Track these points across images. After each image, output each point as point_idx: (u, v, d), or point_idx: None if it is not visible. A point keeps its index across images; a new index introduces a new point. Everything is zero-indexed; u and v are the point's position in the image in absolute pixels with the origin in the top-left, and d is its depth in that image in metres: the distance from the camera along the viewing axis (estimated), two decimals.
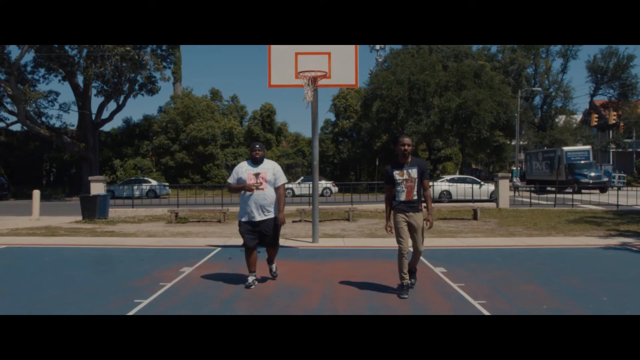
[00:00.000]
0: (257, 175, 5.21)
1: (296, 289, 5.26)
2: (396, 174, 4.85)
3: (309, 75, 7.21)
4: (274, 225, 5.31)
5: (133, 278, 5.81)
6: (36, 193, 14.26)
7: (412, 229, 4.86)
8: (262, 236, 5.27)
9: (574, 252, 7.62)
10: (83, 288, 5.34)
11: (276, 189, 5.29)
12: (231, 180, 5.39)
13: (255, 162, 5.27)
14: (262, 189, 5.19)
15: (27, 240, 9.29)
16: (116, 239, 9.46)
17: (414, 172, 4.82)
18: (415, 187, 4.81)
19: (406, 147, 4.80)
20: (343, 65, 7.47)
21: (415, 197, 4.81)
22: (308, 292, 5.13)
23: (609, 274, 6.00)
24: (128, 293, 5.07)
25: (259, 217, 5.19)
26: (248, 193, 5.17)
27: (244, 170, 5.26)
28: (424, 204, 5.02)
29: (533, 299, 4.81)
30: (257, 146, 5.31)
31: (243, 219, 5.27)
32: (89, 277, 5.92)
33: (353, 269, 6.33)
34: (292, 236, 9.94)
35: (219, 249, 8.13)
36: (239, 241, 9.23)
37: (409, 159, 4.86)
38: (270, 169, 5.28)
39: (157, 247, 8.41)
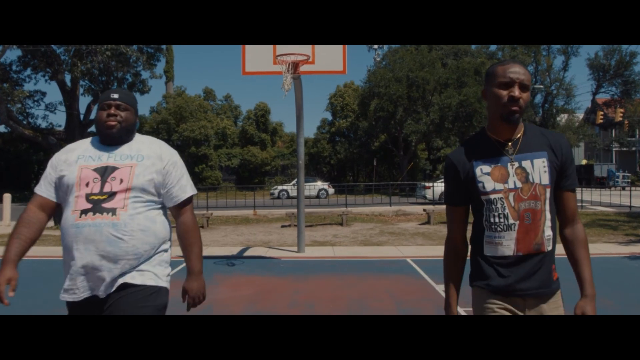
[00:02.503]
0: (103, 171, 1.89)
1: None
2: (485, 177, 1.67)
3: (288, 60, 6.23)
4: (160, 305, 1.92)
5: None
6: (7, 197, 13.29)
7: None
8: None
9: (596, 262, 6.59)
10: (15, 311, 4.35)
11: (177, 214, 2.05)
12: (40, 190, 2.02)
13: (108, 138, 1.96)
14: (114, 209, 1.83)
15: None
16: None
17: (541, 168, 1.64)
18: (547, 214, 1.64)
19: (515, 93, 1.60)
20: (329, 49, 6.49)
21: (550, 248, 1.65)
22: None
23: None
24: None
25: (103, 288, 1.84)
26: (71, 222, 1.84)
27: (72, 159, 1.94)
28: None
29: None
30: (115, 96, 1.96)
31: (66, 295, 1.93)
32: (26, 297, 4.93)
33: (340, 288, 5.35)
34: (277, 244, 8.97)
35: None
36: (216, 251, 8.31)
37: (521, 130, 1.70)
38: (152, 156, 1.97)
39: None
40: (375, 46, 42.04)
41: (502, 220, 1.63)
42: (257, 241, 9.48)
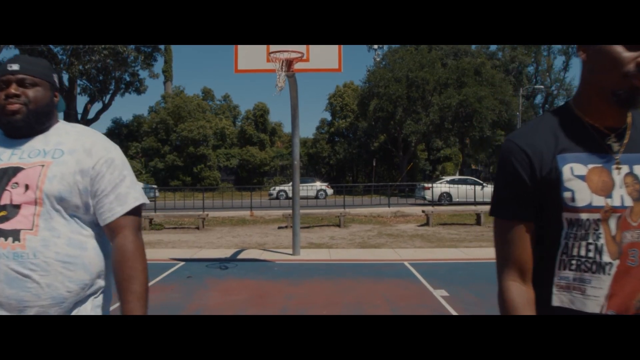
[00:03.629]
0: (1, 175, 1.21)
1: None
2: (578, 182, 1.00)
3: (282, 58, 6.06)
4: None
5: None
6: None
7: None
8: None
9: None
10: None
11: (111, 235, 1.31)
12: None
13: (11, 128, 1.27)
14: (16, 232, 1.16)
15: None
16: None
17: None
18: None
19: None
20: (324, 46, 6.31)
21: None
22: None
23: None
24: None
25: None
26: None
27: None
28: None
29: None
30: (13, 67, 1.28)
31: None
32: None
33: (335, 293, 5.18)
34: (272, 246, 8.80)
35: (182, 263, 6.98)
36: (209, 253, 8.13)
37: (629, 116, 1.07)
38: (78, 151, 1.28)
39: None
40: (375, 46, 41.84)
41: (591, 255, 0.99)
42: (252, 243, 9.32)
